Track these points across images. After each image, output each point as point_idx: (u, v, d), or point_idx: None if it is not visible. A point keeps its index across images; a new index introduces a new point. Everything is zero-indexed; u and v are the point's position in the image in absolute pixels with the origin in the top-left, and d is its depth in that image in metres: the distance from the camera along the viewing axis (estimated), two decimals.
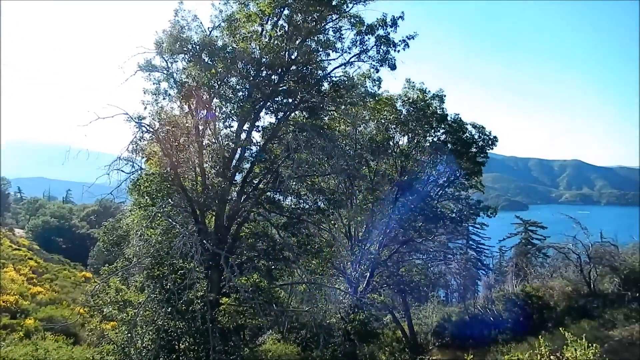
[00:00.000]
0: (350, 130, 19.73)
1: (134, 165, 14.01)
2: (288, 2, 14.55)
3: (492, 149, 24.19)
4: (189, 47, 14.09)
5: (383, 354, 23.79)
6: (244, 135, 15.76)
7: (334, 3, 15.01)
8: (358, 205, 22.17)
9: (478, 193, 26.06)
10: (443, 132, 23.49)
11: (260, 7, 14.46)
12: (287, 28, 15.12)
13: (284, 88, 15.66)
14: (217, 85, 14.61)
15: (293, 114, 16.50)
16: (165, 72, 14.40)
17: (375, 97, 19.99)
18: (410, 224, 22.95)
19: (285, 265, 16.99)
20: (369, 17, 15.61)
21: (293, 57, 15.40)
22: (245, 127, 15.73)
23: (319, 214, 18.48)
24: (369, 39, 15.63)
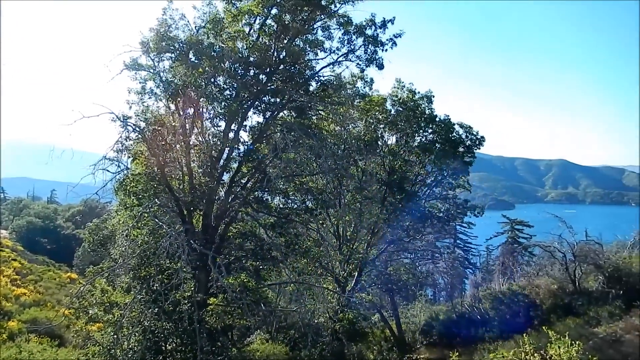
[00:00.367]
0: (339, 130, 19.73)
1: (120, 165, 13.85)
2: (277, 1, 14.51)
3: (479, 149, 24.37)
4: (176, 45, 14.00)
5: (371, 353, 23.86)
6: (232, 135, 15.69)
7: (323, 3, 15.02)
8: (346, 205, 22.21)
9: (465, 192, 26.24)
10: (431, 132, 23.61)
11: (249, 6, 14.41)
12: (275, 27, 15.07)
13: (272, 87, 15.63)
14: (204, 85, 14.51)
15: (281, 114, 16.47)
16: (152, 71, 14.28)
17: (365, 97, 20.05)
18: (398, 224, 23.03)
19: (273, 265, 16.95)
20: (358, 17, 15.67)
21: (281, 56, 15.37)
22: (233, 126, 15.66)
23: (307, 214, 18.47)
24: (357, 39, 15.68)
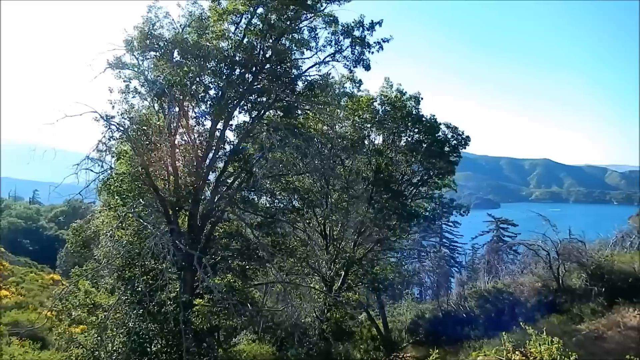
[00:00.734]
0: (326, 130, 19.73)
1: (103, 165, 13.66)
2: (262, 0, 14.46)
3: (464, 149, 24.55)
4: (161, 44, 13.86)
5: (358, 352, 23.91)
6: (218, 134, 15.59)
7: (309, 2, 15.00)
8: (333, 204, 22.21)
9: (451, 192, 26.44)
10: (418, 132, 23.72)
11: (235, 5, 14.33)
12: (261, 26, 15.01)
13: (258, 87, 15.58)
14: (189, 84, 14.39)
15: (267, 113, 16.41)
16: (136, 69, 14.12)
17: (351, 96, 20.07)
18: (385, 223, 23.09)
19: (260, 265, 16.90)
20: (345, 16, 15.69)
21: (267, 55, 15.32)
22: (219, 125, 15.57)
23: (294, 213, 18.45)
24: (344, 40, 15.70)
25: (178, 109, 14.70)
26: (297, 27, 15.43)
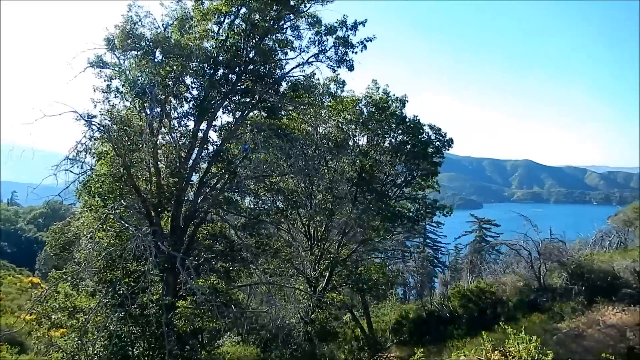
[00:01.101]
0: (310, 130, 19.72)
1: (83, 166, 13.43)
2: (245, 0, 14.39)
3: (448, 150, 24.76)
4: (142, 43, 13.69)
5: (342, 353, 23.94)
6: (201, 135, 15.47)
7: (292, 2, 14.98)
8: (317, 205, 22.20)
9: (434, 192, 26.62)
10: (401, 133, 23.84)
11: (218, 5, 14.24)
12: (244, 27, 14.95)
13: (242, 87, 15.50)
14: (171, 84, 14.26)
15: (251, 114, 16.34)
16: (117, 69, 13.93)
17: (335, 97, 20.09)
18: (369, 223, 23.16)
19: (244, 267, 16.80)
20: (329, 17, 15.73)
21: (251, 56, 15.26)
22: (202, 126, 15.46)
23: (278, 214, 18.39)
24: (328, 40, 15.72)
25: (160, 109, 14.53)
26: (280, 27, 15.41)
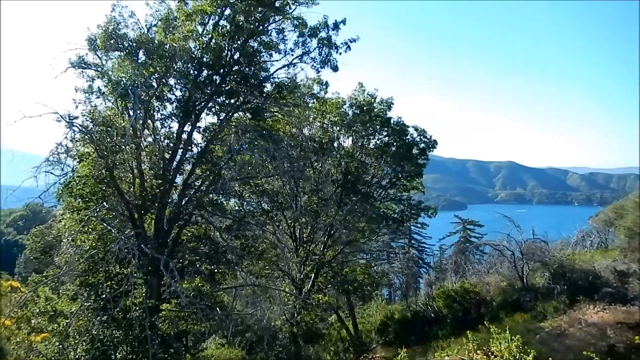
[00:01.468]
0: (295, 132, 19.71)
1: (64, 168, 13.22)
2: (230, 1, 14.34)
3: (432, 151, 24.91)
4: (125, 44, 13.54)
5: (328, 354, 23.95)
6: (185, 136, 15.35)
7: (277, 4, 14.97)
8: (302, 207, 22.18)
9: (419, 194, 26.79)
10: (386, 134, 23.95)
11: (202, 5, 14.16)
12: (229, 28, 14.89)
13: (226, 88, 15.41)
14: (155, 85, 14.12)
15: (236, 115, 16.27)
16: (99, 69, 13.76)
17: (319, 99, 20.10)
18: (354, 225, 23.21)
19: (229, 269, 16.70)
20: (314, 19, 15.74)
21: (235, 57, 15.20)
22: (186, 127, 15.34)
23: (263, 216, 18.32)
24: (312, 41, 15.73)
25: (143, 111, 14.38)
26: (265, 29, 15.38)
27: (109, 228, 13.51)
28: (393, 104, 23.66)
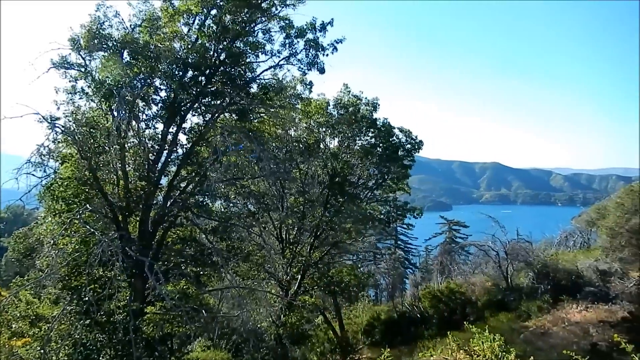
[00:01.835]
0: (280, 133, 19.66)
1: (46, 169, 13.00)
2: (217, 2, 14.26)
3: (418, 152, 25.06)
4: (109, 44, 13.38)
5: (314, 355, 23.94)
6: (170, 137, 15.22)
7: (263, 6, 14.91)
8: (289, 208, 22.15)
9: (405, 195, 26.93)
10: (372, 136, 24.03)
11: (188, 5, 14.05)
12: (215, 28, 14.80)
13: (212, 89, 15.30)
14: (139, 85, 13.97)
15: (221, 116, 16.17)
16: (82, 69, 13.57)
17: (304, 100, 20.08)
18: (341, 226, 23.25)
19: (214, 271, 16.57)
20: (300, 21, 15.70)
21: (221, 58, 15.11)
22: (172, 128, 15.20)
23: (249, 218, 18.24)
24: (298, 43, 15.70)
25: (128, 111, 14.21)
26: (251, 30, 15.32)
27: (92, 230, 13.32)
28: (379, 105, 23.76)
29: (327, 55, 15.91)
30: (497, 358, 6.07)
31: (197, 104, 15.39)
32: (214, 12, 14.62)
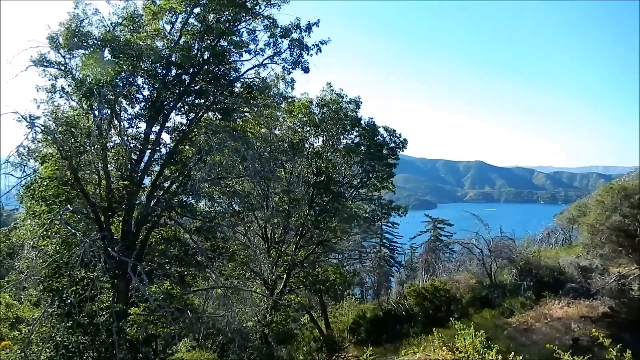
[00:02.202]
0: (265, 132, 19.61)
1: (25, 169, 12.77)
2: (200, 0, 14.16)
3: (402, 151, 25.22)
4: (90, 42, 13.19)
5: (301, 354, 23.95)
6: (153, 137, 15.07)
7: (248, 5, 14.85)
8: (273, 207, 22.10)
9: (390, 193, 27.07)
10: (357, 134, 24.11)
11: (171, 3, 13.92)
12: (199, 27, 14.70)
13: (196, 88, 15.19)
14: (121, 84, 13.80)
15: (205, 115, 16.06)
16: (62, 68, 13.35)
17: (289, 99, 20.07)
18: (326, 225, 23.28)
19: (199, 271, 16.47)
20: (285, 21, 15.67)
21: (205, 56, 15.00)
22: (155, 128, 15.05)
23: (234, 217, 18.16)
24: (283, 42, 15.68)
25: (110, 110, 14.03)
26: (235, 29, 15.24)
27: (74, 231, 13.11)
28: (361, 103, 23.85)
29: (311, 55, 15.94)
30: (478, 354, 6.15)
31: (180, 103, 15.27)
32: (198, 10, 14.53)
